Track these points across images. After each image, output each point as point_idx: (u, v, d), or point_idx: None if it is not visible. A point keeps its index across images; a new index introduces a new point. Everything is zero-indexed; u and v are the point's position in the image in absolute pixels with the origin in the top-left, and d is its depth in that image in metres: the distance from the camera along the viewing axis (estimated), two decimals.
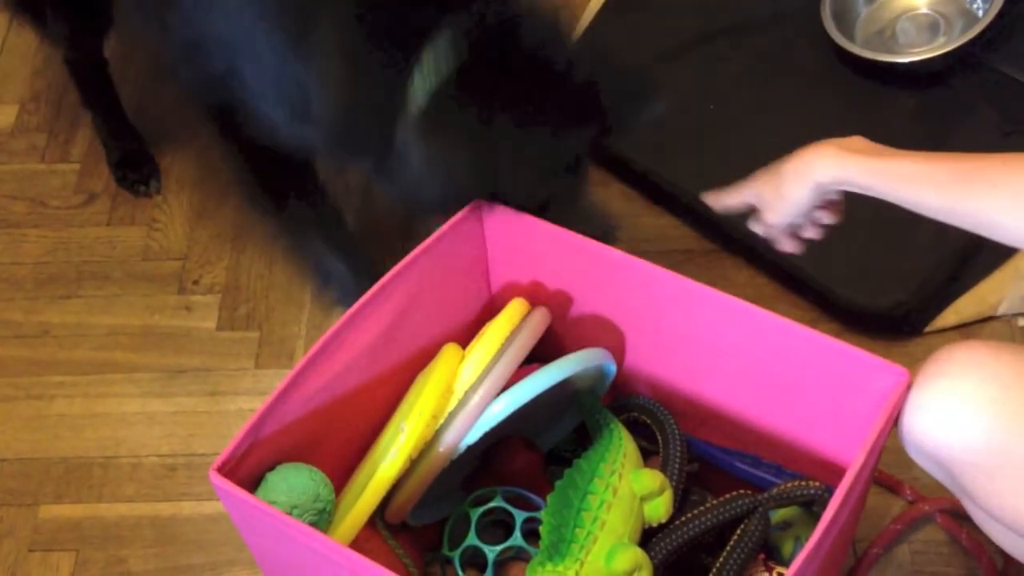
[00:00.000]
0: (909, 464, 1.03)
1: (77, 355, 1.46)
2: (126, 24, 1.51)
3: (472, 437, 1.00)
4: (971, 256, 1.37)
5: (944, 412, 0.88)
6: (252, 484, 0.94)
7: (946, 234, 1.36)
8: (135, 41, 1.74)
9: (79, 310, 1.50)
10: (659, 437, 1.09)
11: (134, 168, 1.62)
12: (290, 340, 1.45)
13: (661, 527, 1.01)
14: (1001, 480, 0.87)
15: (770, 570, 1.02)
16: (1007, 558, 1.18)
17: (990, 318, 1.37)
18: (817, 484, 0.99)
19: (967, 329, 1.36)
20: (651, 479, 1.00)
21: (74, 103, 1.72)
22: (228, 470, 0.90)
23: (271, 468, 0.95)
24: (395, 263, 1.04)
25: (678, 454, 1.07)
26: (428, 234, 1.06)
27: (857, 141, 1.02)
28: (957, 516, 1.17)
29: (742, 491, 1.01)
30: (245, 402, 1.39)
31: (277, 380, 1.37)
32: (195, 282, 1.52)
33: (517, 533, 1.03)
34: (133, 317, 1.49)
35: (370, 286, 1.02)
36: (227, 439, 1.23)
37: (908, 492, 1.23)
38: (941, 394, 0.89)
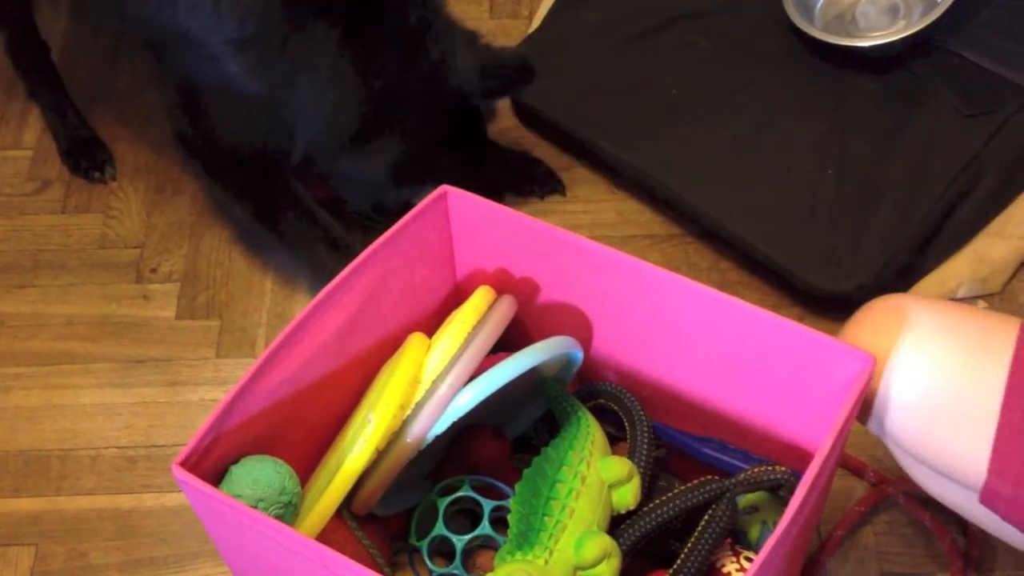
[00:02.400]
0: (872, 446, 1.05)
1: (34, 346, 1.43)
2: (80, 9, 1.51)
3: (440, 427, 0.99)
4: (931, 240, 1.39)
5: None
6: (216, 478, 0.92)
7: (906, 218, 1.38)
8: (86, 29, 1.72)
9: (35, 300, 1.48)
10: (626, 424, 1.09)
11: (86, 155, 1.59)
12: (251, 329, 1.43)
13: (629, 514, 1.01)
14: (924, 423, 0.92)
15: (737, 554, 1.03)
16: (969, 538, 1.19)
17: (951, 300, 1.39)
18: (784, 469, 1.00)
19: None
20: (619, 466, 1.00)
21: (25, 90, 1.69)
22: (191, 464, 0.89)
23: (235, 461, 0.94)
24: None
25: (645, 441, 1.07)
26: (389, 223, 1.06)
27: None
28: (920, 498, 1.19)
29: (709, 477, 1.01)
30: (206, 392, 1.38)
31: (239, 370, 1.37)
32: (153, 270, 1.50)
33: (485, 522, 1.03)
34: (90, 307, 1.46)
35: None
36: (188, 430, 1.23)
37: (871, 474, 1.24)
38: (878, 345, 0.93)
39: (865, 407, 0.96)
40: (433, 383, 1.00)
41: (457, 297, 1.14)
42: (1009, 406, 0.90)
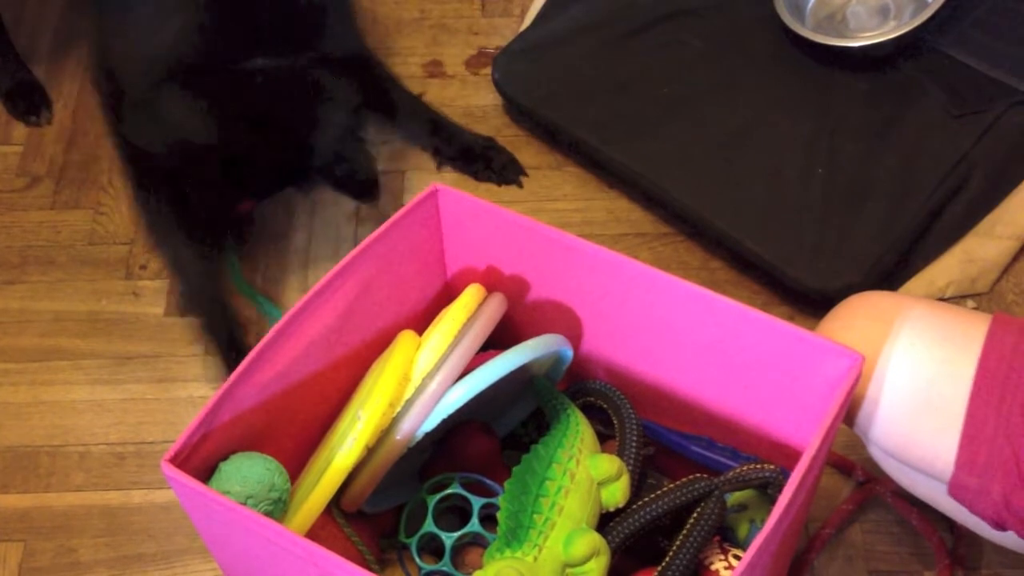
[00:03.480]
0: (861, 445, 1.05)
1: (22, 342, 1.43)
2: None
3: (429, 424, 0.99)
4: (920, 239, 1.39)
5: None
6: (205, 474, 0.92)
7: (896, 218, 1.39)
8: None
9: (23, 296, 1.47)
10: (615, 422, 1.09)
11: (24, 97, 1.60)
12: (241, 327, 1.43)
13: (618, 511, 1.01)
14: (892, 416, 0.94)
15: (725, 552, 1.03)
16: (956, 537, 1.20)
17: (939, 300, 1.39)
18: (772, 467, 1.00)
19: None
20: (608, 464, 1.00)
21: None
22: (180, 461, 0.89)
23: (224, 458, 0.94)
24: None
25: (634, 439, 1.07)
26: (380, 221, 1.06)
27: None
28: (908, 497, 1.19)
29: (698, 475, 1.02)
30: (195, 389, 1.37)
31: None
32: (142, 267, 1.49)
33: (474, 519, 1.03)
34: (79, 303, 1.46)
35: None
36: (177, 427, 1.22)
37: (860, 473, 1.24)
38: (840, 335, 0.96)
39: (851, 408, 0.97)
40: (423, 380, 1.00)
41: (447, 295, 1.14)
42: (976, 400, 0.91)
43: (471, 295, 1.07)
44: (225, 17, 1.19)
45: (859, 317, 1.00)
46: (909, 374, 0.94)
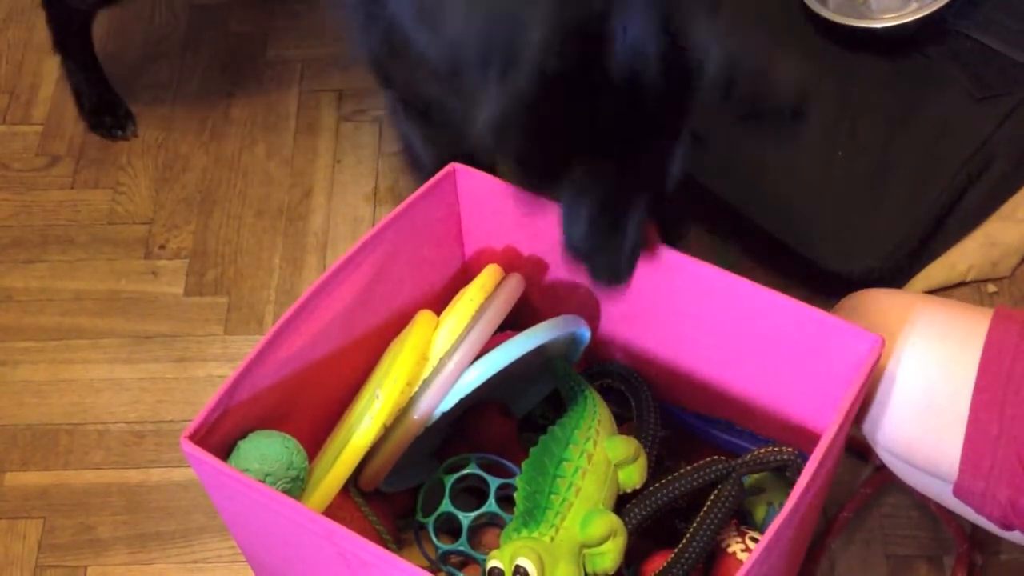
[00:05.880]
0: None
1: (42, 320, 1.43)
2: None
3: (447, 404, 0.99)
4: (941, 223, 1.38)
5: None
6: (224, 452, 0.93)
7: (917, 201, 1.38)
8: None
9: (43, 275, 1.48)
10: (633, 403, 1.09)
11: (110, 112, 1.60)
12: (259, 306, 1.43)
13: (635, 493, 1.01)
14: (894, 416, 0.93)
15: (743, 535, 1.03)
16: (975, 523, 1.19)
17: (959, 284, 1.38)
18: (790, 450, 1.00)
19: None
20: (625, 446, 1.00)
21: (36, 63, 1.69)
22: (199, 438, 0.89)
23: (243, 436, 0.94)
24: None
25: (652, 420, 1.07)
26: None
27: None
28: None
29: (715, 457, 1.01)
30: (214, 368, 1.38)
31: (246, 346, 1.37)
32: (161, 247, 1.50)
33: (491, 499, 1.03)
34: (98, 282, 1.47)
35: None
36: (196, 406, 1.23)
37: (877, 458, 1.24)
38: None
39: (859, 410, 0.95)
40: (440, 360, 1.00)
41: (465, 275, 1.14)
42: (978, 403, 0.89)
43: (489, 275, 1.07)
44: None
45: (865, 316, 0.98)
46: (912, 376, 0.93)
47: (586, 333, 1.09)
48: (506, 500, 1.03)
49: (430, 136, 1.23)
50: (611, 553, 0.94)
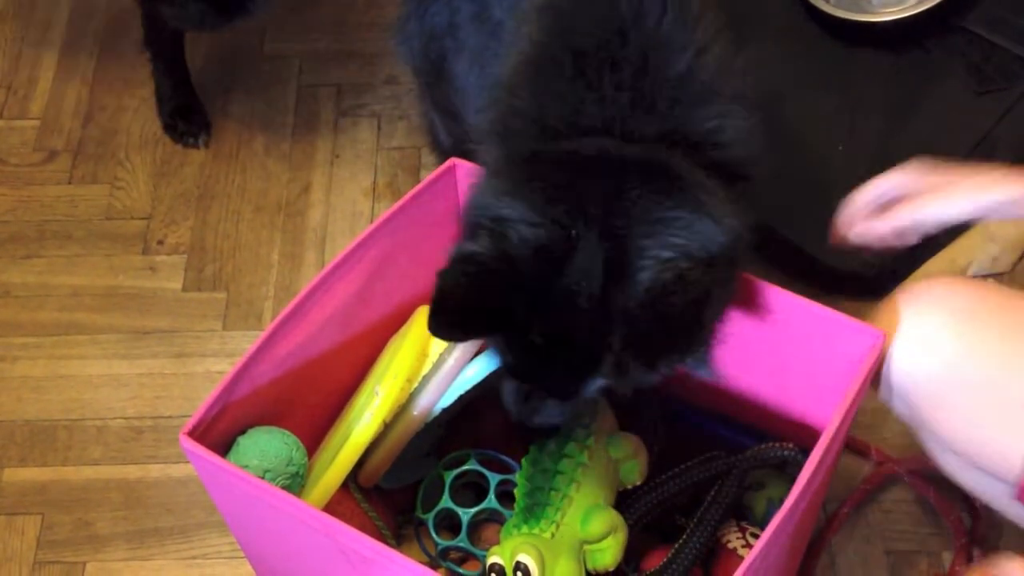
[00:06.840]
0: (877, 427, 1.05)
1: (40, 316, 1.43)
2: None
3: (446, 400, 0.99)
4: None
5: (910, 342, 0.91)
6: (223, 448, 0.92)
7: None
8: None
9: (41, 270, 1.47)
10: (634, 399, 1.09)
11: (186, 119, 1.58)
12: (258, 301, 1.43)
13: (636, 489, 1.01)
14: (956, 407, 0.90)
15: (743, 530, 1.03)
16: (975, 516, 1.19)
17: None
18: (791, 446, 1.00)
19: None
20: (626, 442, 1.00)
21: (34, 58, 1.69)
22: (199, 434, 0.89)
23: (242, 432, 0.94)
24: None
25: (653, 416, 1.06)
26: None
27: None
28: (926, 476, 1.18)
29: (716, 453, 1.01)
30: (212, 364, 1.37)
31: (245, 342, 1.37)
32: (160, 242, 1.49)
33: (491, 495, 1.03)
34: (96, 278, 1.46)
35: None
36: (194, 401, 1.22)
37: (875, 455, 1.24)
38: (909, 325, 0.91)
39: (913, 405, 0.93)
40: (440, 356, 1.00)
41: None
42: None
43: None
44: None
45: (930, 307, 0.93)
46: (976, 367, 0.89)
47: None
48: (506, 496, 1.03)
49: (451, 128, 1.26)
50: (611, 549, 0.94)
